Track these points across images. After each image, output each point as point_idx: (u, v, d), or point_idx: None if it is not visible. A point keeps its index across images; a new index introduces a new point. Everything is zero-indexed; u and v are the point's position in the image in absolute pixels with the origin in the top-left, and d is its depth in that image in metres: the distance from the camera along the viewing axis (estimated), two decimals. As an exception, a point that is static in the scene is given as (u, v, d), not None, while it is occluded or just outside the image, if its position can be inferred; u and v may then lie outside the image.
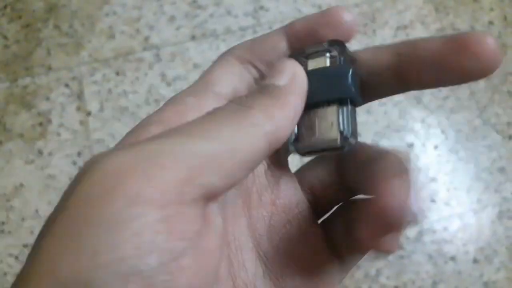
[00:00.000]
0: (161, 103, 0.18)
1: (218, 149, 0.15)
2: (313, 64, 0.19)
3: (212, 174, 0.15)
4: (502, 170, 0.74)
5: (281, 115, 0.17)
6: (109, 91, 0.76)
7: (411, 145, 0.75)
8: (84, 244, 0.13)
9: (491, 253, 0.70)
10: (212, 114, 0.16)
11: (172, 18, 0.80)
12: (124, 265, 0.13)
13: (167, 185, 0.14)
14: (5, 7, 0.81)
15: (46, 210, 0.70)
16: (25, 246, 0.69)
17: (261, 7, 0.81)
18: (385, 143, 0.74)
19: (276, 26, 0.81)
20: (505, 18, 0.83)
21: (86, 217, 0.13)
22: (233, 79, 0.19)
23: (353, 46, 0.18)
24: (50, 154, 0.73)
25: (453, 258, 0.70)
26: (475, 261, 0.70)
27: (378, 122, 0.76)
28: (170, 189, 0.14)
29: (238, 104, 0.17)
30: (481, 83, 0.79)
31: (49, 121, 0.74)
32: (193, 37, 0.79)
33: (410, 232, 0.71)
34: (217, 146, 0.15)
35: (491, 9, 0.83)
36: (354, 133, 0.18)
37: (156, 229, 0.13)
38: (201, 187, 0.14)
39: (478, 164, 0.75)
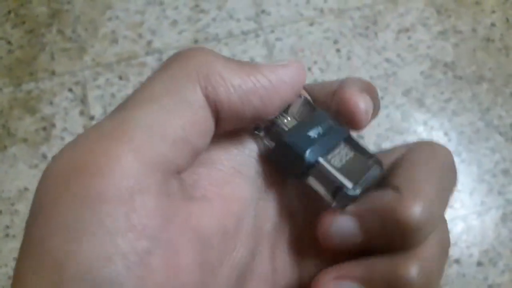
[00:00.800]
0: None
1: (154, 114, 0.13)
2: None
3: (159, 145, 0.13)
4: (505, 172, 0.74)
5: (225, 68, 0.14)
6: (113, 95, 0.76)
7: (414, 148, 0.75)
8: (47, 256, 0.12)
9: (495, 255, 0.70)
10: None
11: (174, 23, 0.81)
12: (90, 276, 0.12)
13: (117, 176, 0.12)
14: (8, 12, 0.82)
15: (50, 214, 0.70)
16: (29, 250, 0.69)
17: (263, 11, 0.82)
18: (387, 145, 0.74)
19: (278, 30, 0.82)
20: (507, 20, 0.83)
21: (44, 224, 0.12)
22: None
23: (356, 49, 0.19)
24: (53, 158, 0.73)
25: (457, 261, 0.70)
26: (479, 264, 0.70)
27: (381, 125, 0.76)
28: (123, 179, 0.12)
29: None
30: (484, 85, 0.79)
31: (53, 125, 0.75)
32: (195, 41, 0.79)
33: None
34: (152, 112, 0.13)
35: (493, 11, 0.83)
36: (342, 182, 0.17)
37: (116, 230, 0.12)
38: (155, 164, 0.13)
39: (481, 166, 0.74)
